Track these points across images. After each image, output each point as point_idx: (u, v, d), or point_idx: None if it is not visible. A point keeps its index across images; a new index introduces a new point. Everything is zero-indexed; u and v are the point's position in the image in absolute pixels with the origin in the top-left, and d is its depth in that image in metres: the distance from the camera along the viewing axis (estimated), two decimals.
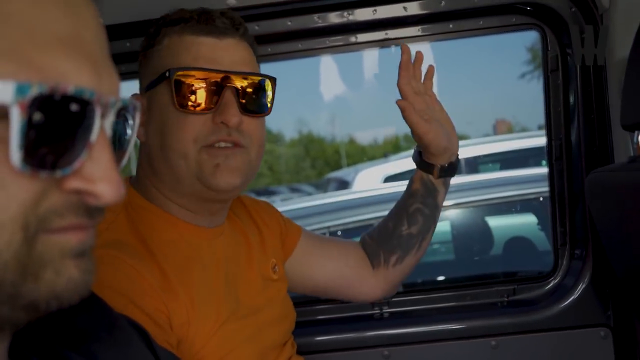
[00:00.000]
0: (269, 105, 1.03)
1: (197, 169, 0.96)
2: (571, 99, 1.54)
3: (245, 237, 1.14)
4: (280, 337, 1.12)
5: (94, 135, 0.43)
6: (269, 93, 1.02)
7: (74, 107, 0.41)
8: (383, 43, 1.60)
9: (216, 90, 0.95)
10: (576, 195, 1.55)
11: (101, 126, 0.43)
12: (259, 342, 1.04)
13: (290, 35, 1.53)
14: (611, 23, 1.41)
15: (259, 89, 1.00)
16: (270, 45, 1.55)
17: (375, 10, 1.48)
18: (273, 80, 1.03)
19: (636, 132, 1.15)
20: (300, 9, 1.47)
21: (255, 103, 1.00)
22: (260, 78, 1.01)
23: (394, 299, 1.65)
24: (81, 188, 0.43)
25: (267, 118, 1.05)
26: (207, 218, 1.03)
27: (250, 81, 0.99)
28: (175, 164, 0.96)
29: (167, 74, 0.95)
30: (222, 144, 0.96)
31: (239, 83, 0.97)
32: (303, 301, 1.66)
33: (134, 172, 1.10)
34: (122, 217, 0.97)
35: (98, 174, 0.43)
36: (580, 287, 1.52)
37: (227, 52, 0.98)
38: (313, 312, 1.64)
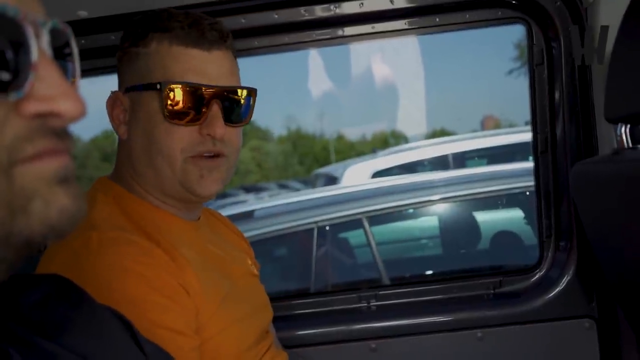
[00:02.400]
0: (249, 115, 1.07)
1: (182, 177, 1.01)
2: (556, 93, 1.55)
3: (220, 236, 1.19)
4: (265, 325, 1.17)
5: (34, 54, 0.42)
6: (251, 104, 1.07)
7: (0, 24, 0.41)
8: (370, 36, 1.60)
9: (204, 103, 0.99)
10: (561, 188, 1.56)
11: (39, 46, 0.43)
12: (250, 326, 1.09)
13: (276, 29, 1.52)
14: (596, 17, 1.43)
15: (243, 100, 1.05)
16: (256, 38, 1.55)
17: (362, 3, 1.49)
18: (255, 92, 1.07)
19: (620, 124, 1.16)
20: (286, 1, 1.47)
21: (238, 114, 1.04)
22: (245, 91, 1.05)
23: (381, 292, 1.65)
24: (41, 110, 0.43)
25: (255, 114, 1.10)
26: (185, 213, 1.08)
27: (236, 94, 1.03)
28: (160, 169, 1.01)
29: (158, 86, 0.99)
30: (207, 154, 1.01)
31: (226, 96, 1.02)
32: (289, 295, 1.66)
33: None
34: (116, 209, 1.01)
35: (52, 92, 0.43)
36: (565, 279, 1.53)
37: (215, 65, 1.01)
38: (300, 305, 1.64)
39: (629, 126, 1.16)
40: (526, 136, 1.81)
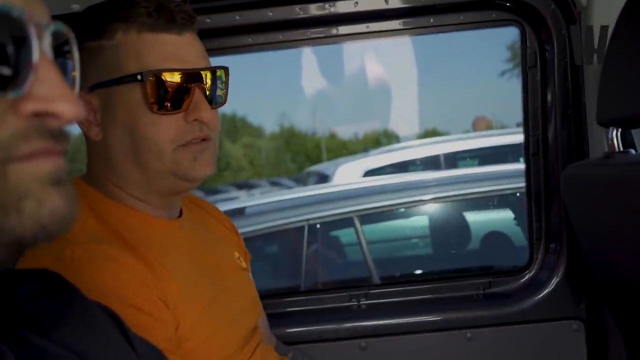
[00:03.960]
0: (227, 95, 1.05)
1: (173, 166, 0.97)
2: (549, 96, 1.56)
3: (206, 229, 1.16)
4: (253, 324, 1.14)
5: (36, 54, 0.43)
6: (226, 84, 1.04)
7: (5, 23, 0.41)
8: (364, 36, 1.60)
9: (188, 88, 0.96)
10: (552, 190, 1.57)
11: (40, 47, 0.43)
12: (238, 327, 1.06)
13: (271, 26, 1.52)
14: (589, 21, 1.43)
15: (219, 81, 1.02)
16: (250, 35, 1.54)
17: (357, 2, 1.49)
18: (228, 71, 1.05)
19: (611, 128, 1.17)
20: None
21: (217, 96, 1.02)
22: (222, 71, 1.03)
23: (371, 291, 1.66)
24: (39, 109, 0.43)
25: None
26: (165, 211, 1.05)
27: (213, 76, 1.00)
28: (147, 164, 0.97)
29: (139, 77, 0.94)
30: (195, 140, 0.98)
31: (206, 79, 0.99)
32: (280, 293, 1.66)
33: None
34: (91, 215, 0.97)
35: (51, 93, 0.43)
36: (554, 281, 1.54)
37: (190, 48, 0.98)
38: (290, 303, 1.64)
39: (620, 130, 1.17)
40: (518, 138, 1.82)
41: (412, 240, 3.96)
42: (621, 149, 1.16)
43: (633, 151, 1.15)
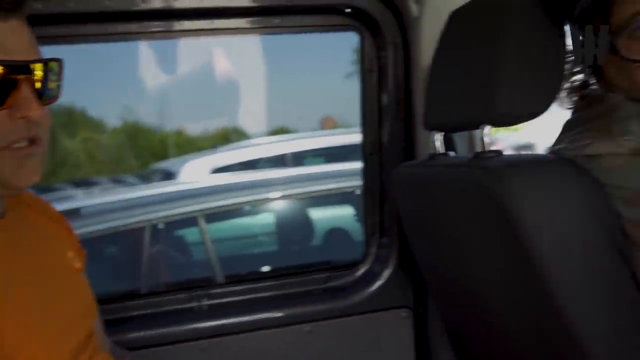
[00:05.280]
0: (60, 90, 0.95)
1: None
2: (384, 100, 1.66)
3: (34, 228, 1.05)
4: (88, 330, 1.06)
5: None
6: (61, 78, 0.94)
7: None
8: (209, 32, 1.58)
9: (13, 82, 0.85)
10: (386, 189, 1.68)
11: None
12: (71, 335, 0.98)
13: (108, 16, 1.44)
14: (421, 30, 1.55)
15: (51, 74, 0.92)
16: (86, 25, 1.45)
17: None
18: (62, 64, 0.94)
19: (435, 132, 1.28)
20: None
21: (49, 91, 0.91)
22: (55, 63, 0.92)
23: (214, 291, 1.64)
24: None
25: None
26: None
27: (45, 68, 0.90)
28: None
29: None
30: (21, 143, 0.87)
31: (36, 72, 0.88)
32: (118, 296, 1.58)
33: None
34: None
35: None
36: (386, 273, 1.65)
37: (16, 36, 0.87)
38: (128, 307, 1.57)
39: (443, 134, 1.28)
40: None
41: (258, 238, 3.99)
42: (443, 151, 1.28)
43: (452, 153, 1.27)
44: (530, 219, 0.89)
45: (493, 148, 1.04)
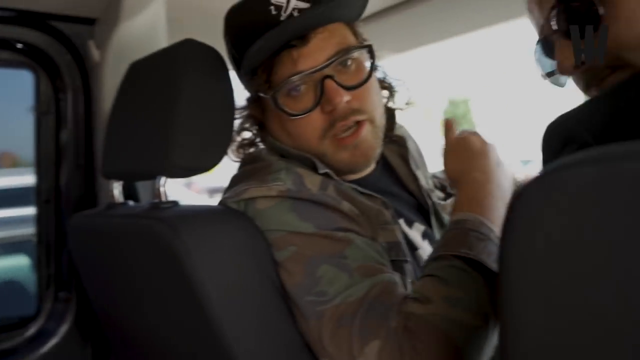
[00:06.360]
0: None
1: None
2: (63, 144, 1.57)
3: None
4: None
5: None
6: None
7: None
8: None
9: None
10: (62, 239, 1.57)
11: None
12: None
13: None
14: (102, 76, 1.51)
15: None
16: None
17: None
18: None
19: (113, 180, 1.24)
20: None
21: None
22: None
23: None
24: None
25: None
26: None
27: None
28: None
29: None
30: None
31: None
32: None
33: None
34: None
35: None
36: (63, 330, 1.52)
37: None
38: None
39: (122, 182, 1.25)
40: None
41: None
42: (122, 200, 1.25)
43: (131, 202, 1.25)
44: (200, 270, 0.89)
45: (172, 198, 1.05)
